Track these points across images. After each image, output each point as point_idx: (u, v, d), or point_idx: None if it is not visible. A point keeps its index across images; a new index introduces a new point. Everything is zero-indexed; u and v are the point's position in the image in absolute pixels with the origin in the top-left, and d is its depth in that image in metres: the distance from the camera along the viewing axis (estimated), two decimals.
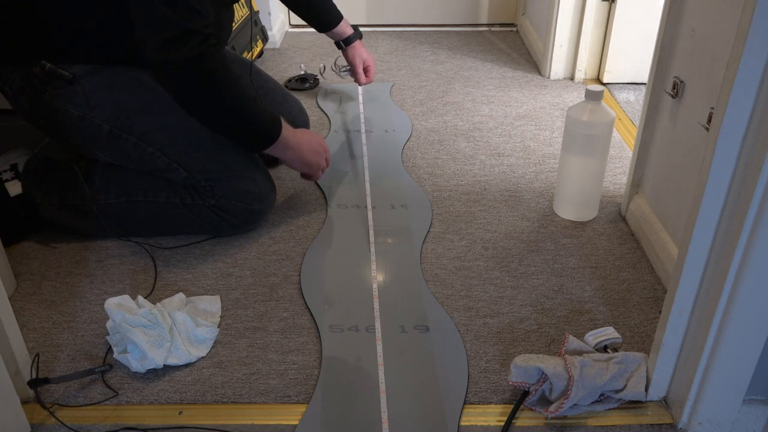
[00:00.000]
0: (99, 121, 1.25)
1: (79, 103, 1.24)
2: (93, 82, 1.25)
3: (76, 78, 1.24)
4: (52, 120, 1.27)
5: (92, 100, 1.24)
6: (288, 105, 1.64)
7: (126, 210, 1.32)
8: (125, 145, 1.27)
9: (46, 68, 1.23)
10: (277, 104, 1.60)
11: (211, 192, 1.29)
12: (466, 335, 1.10)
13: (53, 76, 1.23)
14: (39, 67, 1.23)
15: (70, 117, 1.25)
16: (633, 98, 1.97)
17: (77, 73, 1.24)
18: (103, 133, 1.26)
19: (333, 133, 1.80)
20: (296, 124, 1.62)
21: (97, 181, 1.31)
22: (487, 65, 2.26)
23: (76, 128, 1.26)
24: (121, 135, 1.26)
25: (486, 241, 1.35)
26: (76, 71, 1.24)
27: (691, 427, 0.93)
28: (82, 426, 0.95)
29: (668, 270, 1.19)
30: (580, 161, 1.35)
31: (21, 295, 1.22)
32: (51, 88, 1.24)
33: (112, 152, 1.30)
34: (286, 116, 1.59)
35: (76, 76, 1.24)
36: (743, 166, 0.77)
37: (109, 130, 1.26)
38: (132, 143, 1.26)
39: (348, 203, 1.47)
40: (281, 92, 1.66)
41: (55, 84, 1.24)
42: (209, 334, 1.09)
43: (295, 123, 1.62)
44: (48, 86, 1.24)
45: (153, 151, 1.26)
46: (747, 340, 0.85)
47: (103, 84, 1.25)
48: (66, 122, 1.26)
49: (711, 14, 1.08)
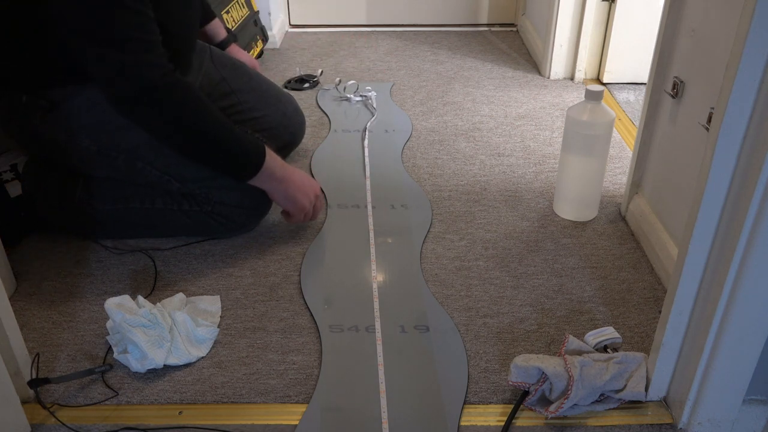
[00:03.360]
0: (86, 143, 1.24)
1: (65, 127, 1.23)
2: (72, 105, 1.22)
3: (55, 104, 1.22)
4: (42, 145, 1.27)
5: (75, 123, 1.23)
6: (282, 105, 1.60)
7: (123, 216, 1.31)
8: (115, 162, 1.26)
9: (23, 100, 1.22)
10: (271, 105, 1.57)
11: (207, 198, 1.28)
12: (466, 335, 1.10)
13: (32, 106, 1.22)
14: (17, 98, 1.22)
15: (59, 142, 1.24)
16: (633, 98, 1.97)
17: (55, 98, 1.22)
18: (92, 154, 1.25)
19: (333, 132, 1.80)
20: (291, 124, 1.62)
21: (94, 190, 1.31)
22: (487, 65, 2.26)
23: (65, 151, 1.26)
24: (110, 153, 1.25)
25: (486, 241, 1.35)
26: (54, 96, 1.22)
27: (691, 427, 0.93)
28: (82, 426, 0.95)
29: (668, 270, 1.18)
30: (580, 161, 1.35)
31: (21, 295, 1.22)
32: (34, 116, 1.23)
33: (106, 170, 1.29)
34: (279, 116, 1.58)
35: (55, 102, 1.22)
36: (743, 166, 0.77)
37: (97, 150, 1.25)
38: (122, 160, 1.26)
39: (348, 203, 1.47)
40: (275, 91, 1.62)
41: (37, 113, 1.22)
42: (209, 334, 1.09)
43: (289, 123, 1.61)
44: (30, 115, 1.23)
45: (143, 166, 1.25)
46: (747, 340, 0.85)
47: (83, 105, 1.22)
48: (56, 147, 1.25)
49: (711, 14, 1.08)
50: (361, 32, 2.62)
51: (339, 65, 2.27)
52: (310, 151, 1.70)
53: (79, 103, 1.22)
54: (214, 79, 1.51)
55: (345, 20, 2.68)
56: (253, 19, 2.27)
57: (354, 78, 2.15)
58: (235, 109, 1.51)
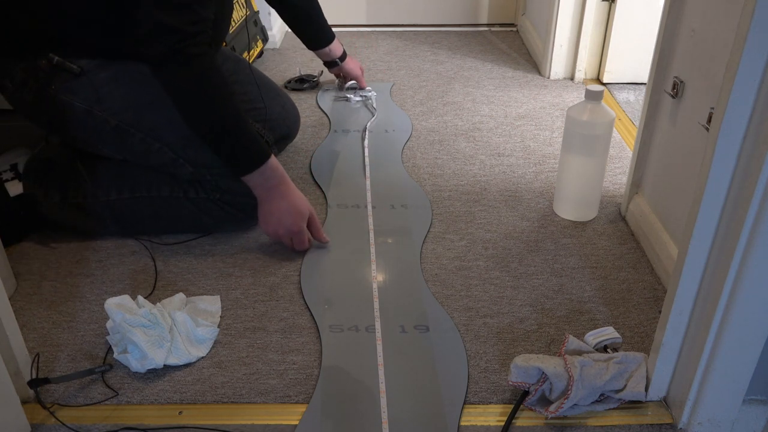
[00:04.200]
0: (106, 116, 1.25)
1: (87, 96, 1.23)
2: (101, 75, 1.24)
3: (84, 71, 1.23)
4: (57, 114, 1.26)
5: (100, 93, 1.24)
6: (280, 99, 1.64)
7: (129, 206, 1.31)
8: (131, 139, 1.26)
9: (54, 61, 1.22)
10: (271, 98, 1.60)
11: (215, 186, 1.29)
12: (466, 335, 1.10)
13: (60, 69, 1.22)
14: (46, 60, 1.22)
15: (76, 111, 1.24)
16: (633, 98, 1.97)
17: (85, 67, 1.23)
18: (109, 128, 1.25)
19: (333, 132, 1.80)
20: (288, 117, 1.65)
21: (100, 178, 1.31)
22: (487, 65, 2.26)
23: (81, 122, 1.26)
24: (128, 130, 1.26)
25: (486, 241, 1.35)
26: (83, 65, 1.23)
27: (691, 427, 0.93)
28: (82, 426, 0.95)
29: (668, 270, 1.19)
30: (580, 161, 1.35)
31: (21, 295, 1.22)
32: (57, 81, 1.23)
33: (117, 147, 1.29)
34: (279, 109, 1.62)
35: (84, 70, 1.23)
36: (743, 166, 0.77)
37: (116, 124, 1.25)
38: (139, 138, 1.26)
39: (348, 203, 1.47)
40: (273, 86, 1.66)
41: (62, 77, 1.23)
42: (209, 334, 1.09)
43: (287, 116, 1.64)
44: (54, 79, 1.23)
45: (160, 147, 1.26)
46: (747, 340, 0.85)
47: (111, 78, 1.24)
48: (71, 116, 1.25)
49: (711, 14, 1.08)
50: (361, 32, 2.62)
51: None
52: (310, 151, 1.70)
53: (108, 75, 1.24)
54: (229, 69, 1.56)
55: (345, 20, 2.68)
56: (254, 19, 2.27)
57: None
58: (240, 98, 1.54)
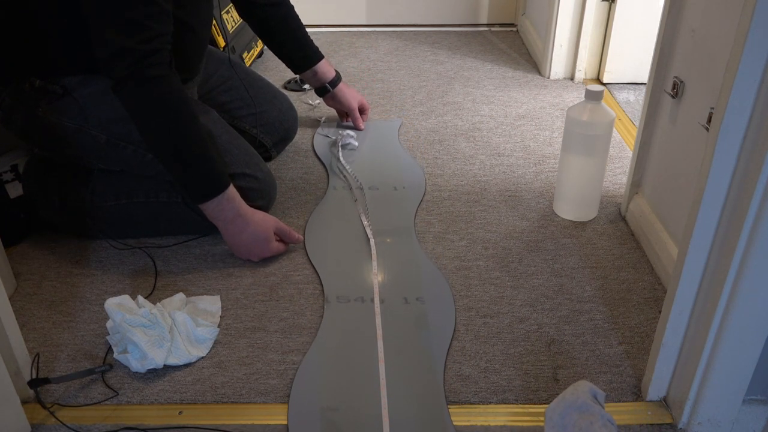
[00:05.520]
0: (96, 132, 1.24)
1: (74, 115, 1.23)
2: (84, 92, 1.23)
3: (68, 90, 1.23)
4: (48, 134, 1.26)
5: (86, 111, 1.23)
6: (278, 101, 1.64)
7: (127, 212, 1.31)
8: (124, 152, 1.26)
9: (36, 84, 1.22)
10: (268, 101, 1.60)
11: None
12: (466, 335, 1.10)
13: (44, 91, 1.22)
14: (29, 83, 1.22)
15: (67, 130, 1.24)
16: (633, 98, 1.97)
17: (68, 85, 1.23)
18: (100, 144, 1.25)
19: (331, 189, 1.53)
20: (286, 119, 1.65)
21: (98, 185, 1.31)
22: (487, 65, 2.26)
23: (73, 141, 1.26)
24: (119, 143, 1.25)
25: (486, 241, 1.35)
26: (66, 83, 1.23)
27: (691, 427, 0.93)
28: (82, 426, 0.95)
29: (668, 270, 1.18)
30: (580, 161, 1.35)
31: (21, 295, 1.22)
32: (43, 103, 1.23)
33: (112, 161, 1.29)
34: (276, 112, 1.62)
35: (67, 89, 1.23)
36: (743, 166, 0.77)
37: (107, 139, 1.25)
38: (131, 150, 1.26)
39: (351, 297, 1.29)
40: (270, 89, 1.66)
41: (47, 99, 1.23)
42: (209, 334, 1.09)
43: (285, 118, 1.64)
44: (40, 102, 1.23)
45: (153, 157, 1.25)
46: (747, 340, 0.85)
47: (95, 93, 1.23)
48: (63, 136, 1.25)
49: (711, 14, 1.08)
50: (361, 32, 2.62)
51: (339, 65, 2.27)
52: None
53: (91, 91, 1.23)
54: (223, 75, 1.56)
55: (345, 20, 2.68)
56: None
57: (354, 78, 2.15)
58: (236, 104, 1.56)
